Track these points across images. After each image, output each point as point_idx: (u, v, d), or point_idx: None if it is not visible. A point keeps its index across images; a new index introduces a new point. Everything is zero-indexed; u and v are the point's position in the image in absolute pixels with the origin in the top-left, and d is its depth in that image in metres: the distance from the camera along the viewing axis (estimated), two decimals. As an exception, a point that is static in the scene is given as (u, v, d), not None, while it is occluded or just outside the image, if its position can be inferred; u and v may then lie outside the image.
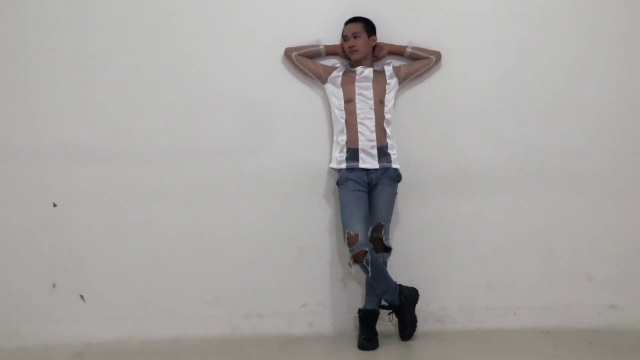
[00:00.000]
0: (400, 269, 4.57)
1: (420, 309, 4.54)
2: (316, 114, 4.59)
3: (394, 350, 4.28)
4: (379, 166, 4.34)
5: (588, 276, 4.69)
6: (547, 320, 4.65)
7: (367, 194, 4.35)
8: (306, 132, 4.58)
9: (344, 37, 4.49)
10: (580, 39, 4.70)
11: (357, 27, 4.45)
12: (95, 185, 4.52)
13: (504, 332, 4.56)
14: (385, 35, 4.56)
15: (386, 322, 4.48)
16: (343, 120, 4.39)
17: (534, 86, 4.66)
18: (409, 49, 4.54)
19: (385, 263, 4.38)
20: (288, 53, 4.49)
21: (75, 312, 4.53)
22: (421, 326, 4.55)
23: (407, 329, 4.37)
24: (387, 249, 4.38)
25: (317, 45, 4.51)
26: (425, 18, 4.63)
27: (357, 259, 4.19)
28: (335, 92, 4.45)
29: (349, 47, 4.45)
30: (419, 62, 4.53)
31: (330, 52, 4.53)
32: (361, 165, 4.33)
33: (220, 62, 4.57)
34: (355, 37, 4.44)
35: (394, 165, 4.38)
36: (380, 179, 4.35)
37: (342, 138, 4.38)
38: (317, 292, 4.61)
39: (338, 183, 4.39)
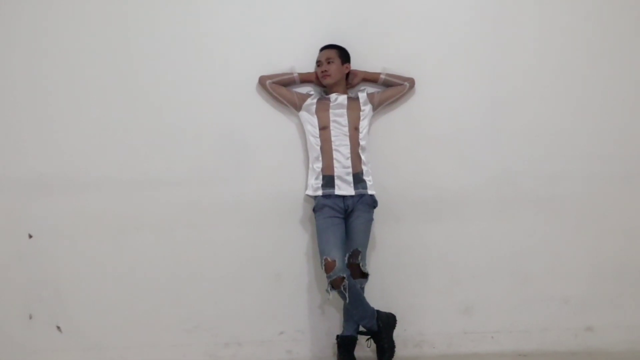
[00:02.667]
0: (377, 294, 4.57)
1: (398, 334, 4.53)
2: (291, 141, 4.62)
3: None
4: (355, 192, 4.37)
5: (564, 299, 4.72)
6: (525, 344, 4.67)
7: (343, 221, 4.36)
8: (282, 160, 4.61)
9: (318, 63, 4.53)
10: (554, 62, 4.77)
11: (331, 53, 4.50)
12: (70, 216, 4.51)
13: (482, 356, 4.59)
14: (360, 63, 4.61)
15: (364, 348, 4.47)
16: (318, 148, 4.43)
17: (508, 110, 4.71)
18: (382, 76, 4.59)
19: (362, 289, 4.39)
20: (262, 81, 4.53)
21: (53, 344, 4.49)
22: (399, 351, 4.53)
23: (385, 354, 4.37)
24: (364, 275, 4.40)
25: (291, 73, 4.55)
26: (399, 45, 4.69)
27: (334, 285, 4.20)
28: (309, 120, 4.48)
29: (322, 72, 4.48)
30: (393, 89, 4.58)
31: (305, 79, 4.57)
32: (337, 192, 4.36)
33: (195, 91, 4.59)
34: (328, 62, 4.48)
35: (370, 192, 4.41)
36: (357, 205, 4.37)
37: (318, 165, 4.41)
38: (295, 319, 4.60)
39: (314, 210, 4.41)
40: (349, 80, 4.59)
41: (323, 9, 4.67)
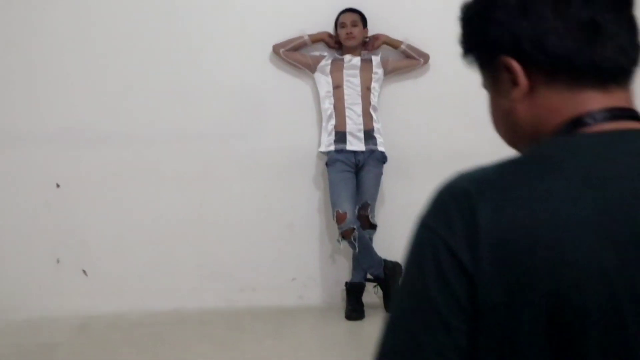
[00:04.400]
0: (385, 245, 4.77)
1: None
2: (306, 100, 4.85)
3: (380, 320, 4.47)
4: (366, 148, 4.59)
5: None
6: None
7: (354, 175, 4.60)
8: (296, 118, 4.83)
9: (342, 24, 4.69)
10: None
11: (356, 17, 4.70)
12: (96, 167, 4.74)
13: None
14: (374, 30, 4.81)
15: (372, 295, 4.73)
16: (331, 106, 4.63)
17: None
18: (403, 46, 4.75)
19: (371, 239, 4.63)
20: (276, 50, 4.71)
21: (78, 287, 4.76)
22: None
23: (390, 300, 4.62)
24: (373, 226, 4.63)
25: (302, 37, 4.71)
26: (411, 7, 4.85)
27: (345, 235, 4.46)
28: (324, 79, 4.68)
29: (347, 34, 4.65)
30: (407, 60, 4.78)
31: (316, 39, 4.75)
32: (349, 147, 4.57)
33: (212, 49, 4.78)
34: (353, 25, 4.66)
35: (380, 148, 4.63)
36: (367, 160, 4.60)
37: (331, 123, 4.63)
38: (306, 267, 4.88)
39: (327, 164, 4.64)
40: (371, 42, 4.76)
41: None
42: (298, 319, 4.61)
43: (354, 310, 4.58)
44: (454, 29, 3.64)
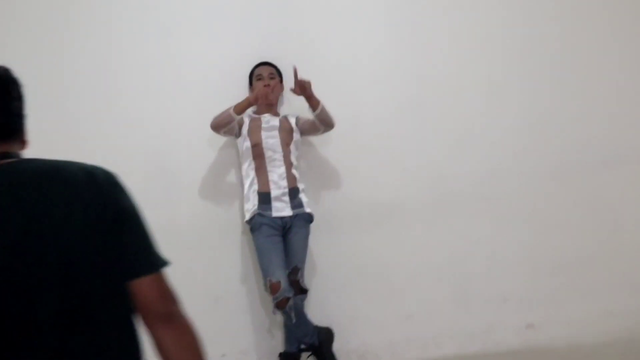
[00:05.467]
0: (318, 308, 4.55)
1: (341, 346, 4.52)
2: (227, 163, 4.59)
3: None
4: (293, 213, 4.31)
5: (503, 298, 4.75)
6: (468, 346, 4.68)
7: (282, 238, 4.31)
8: (217, 182, 4.58)
9: (258, 77, 4.50)
10: (481, 61, 4.84)
11: (272, 70, 4.53)
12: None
13: (426, 362, 4.59)
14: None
15: (307, 364, 4.42)
16: (252, 169, 4.35)
17: (436, 113, 4.75)
18: (318, 110, 4.33)
19: (302, 305, 4.34)
20: (213, 129, 4.34)
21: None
22: None
23: None
24: (304, 291, 4.35)
25: (228, 113, 4.27)
26: (325, 54, 4.72)
27: (280, 305, 4.13)
28: (241, 140, 4.42)
29: (266, 86, 4.41)
30: (311, 127, 4.44)
31: (240, 111, 4.30)
32: (274, 213, 4.28)
33: (122, 114, 4.52)
34: (271, 78, 4.49)
35: (307, 210, 4.37)
36: (294, 221, 4.32)
37: (253, 187, 4.33)
38: (237, 340, 4.53)
39: (252, 230, 4.33)
40: (295, 87, 4.32)
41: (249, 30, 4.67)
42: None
43: None
44: (372, 75, 3.48)
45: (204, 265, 4.51)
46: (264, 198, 4.30)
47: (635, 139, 4.86)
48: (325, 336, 4.37)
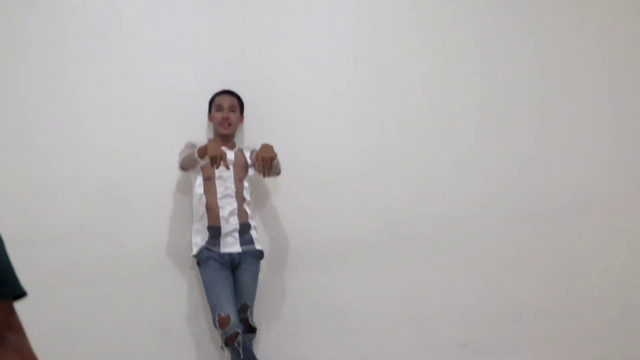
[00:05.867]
0: (269, 347, 4.45)
1: None
2: (177, 194, 4.49)
3: None
4: (242, 249, 4.20)
5: (461, 344, 4.62)
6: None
7: (230, 273, 4.19)
8: (166, 213, 4.47)
9: (218, 107, 4.34)
10: (447, 106, 4.74)
11: (234, 101, 4.38)
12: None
13: (380, 407, 4.46)
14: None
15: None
16: (203, 202, 4.21)
17: (399, 154, 4.66)
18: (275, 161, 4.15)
19: (250, 344, 4.21)
20: (182, 170, 4.27)
21: None
22: None
23: None
24: (253, 330, 4.23)
25: (192, 154, 4.08)
26: (284, 88, 4.64)
27: (229, 341, 4.00)
28: (196, 174, 4.27)
29: (223, 119, 4.30)
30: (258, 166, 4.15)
31: (204, 155, 4.04)
32: (223, 249, 4.16)
33: (73, 140, 4.45)
34: (231, 110, 4.34)
35: (257, 247, 4.27)
36: (243, 258, 4.21)
37: (203, 221, 4.20)
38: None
39: (199, 263, 4.21)
40: (259, 162, 4.09)
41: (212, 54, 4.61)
42: None
43: None
44: (331, 113, 3.32)
45: (151, 297, 4.41)
46: (214, 233, 4.18)
47: (600, 188, 4.76)
48: None
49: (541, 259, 4.69)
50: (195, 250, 4.21)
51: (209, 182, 4.23)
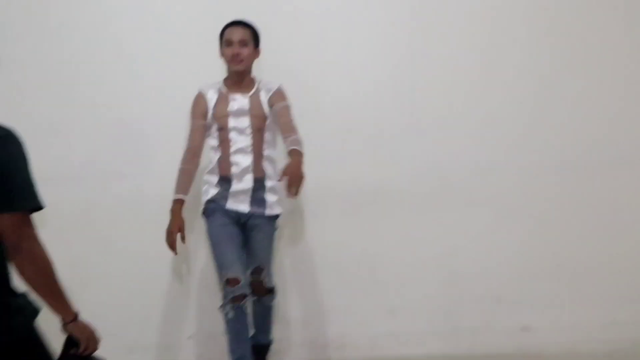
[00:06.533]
0: (295, 297, 4.32)
1: (317, 338, 4.32)
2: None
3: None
4: (250, 211, 3.78)
5: (497, 298, 4.41)
6: (454, 346, 4.38)
7: (239, 230, 3.79)
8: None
9: (227, 42, 3.81)
10: (482, 48, 4.43)
11: (246, 34, 3.82)
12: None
13: (408, 359, 4.28)
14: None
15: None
16: (216, 152, 3.84)
17: (430, 98, 4.36)
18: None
19: (270, 307, 3.94)
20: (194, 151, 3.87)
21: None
22: (320, 355, 4.32)
23: None
24: (270, 290, 3.90)
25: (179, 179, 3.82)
26: (307, 27, 4.34)
27: (235, 300, 3.65)
28: (212, 121, 3.87)
29: (233, 55, 3.77)
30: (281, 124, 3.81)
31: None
32: (229, 205, 3.77)
33: (94, 82, 4.21)
34: (242, 45, 3.80)
35: (266, 212, 3.80)
36: (253, 218, 3.80)
37: (214, 172, 3.83)
38: (205, 322, 4.27)
39: (205, 215, 3.86)
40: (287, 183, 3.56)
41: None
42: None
43: None
44: (363, 58, 3.00)
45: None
46: (224, 187, 3.79)
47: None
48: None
49: (584, 212, 4.42)
50: (203, 201, 3.87)
51: (223, 132, 3.81)
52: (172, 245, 3.78)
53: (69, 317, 2.15)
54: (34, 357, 2.07)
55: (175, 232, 3.75)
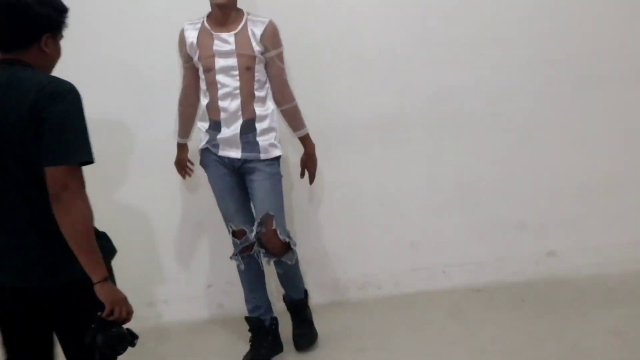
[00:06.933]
0: (312, 236, 4.21)
1: (339, 277, 4.24)
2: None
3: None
4: (242, 156, 3.52)
5: (521, 224, 4.30)
6: (479, 277, 4.28)
7: (238, 175, 3.59)
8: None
9: None
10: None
11: None
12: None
13: (433, 293, 4.22)
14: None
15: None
16: (205, 97, 3.57)
17: (441, 20, 4.11)
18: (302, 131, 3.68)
19: (294, 266, 3.66)
20: (187, 98, 3.71)
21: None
22: (342, 295, 4.24)
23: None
24: (287, 247, 3.58)
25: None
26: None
27: (244, 250, 3.58)
28: (199, 62, 3.57)
29: None
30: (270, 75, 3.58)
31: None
32: (221, 152, 3.55)
33: (101, 31, 3.99)
34: None
35: (262, 155, 3.52)
36: (248, 163, 3.55)
37: (204, 118, 3.60)
38: (223, 271, 4.14)
39: (201, 164, 3.70)
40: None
41: None
42: (214, 334, 4.01)
43: (304, 335, 3.78)
44: None
45: (185, 191, 4.15)
46: (214, 133, 3.56)
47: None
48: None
49: (607, 129, 4.24)
50: (199, 151, 3.69)
51: (210, 75, 3.51)
52: (180, 173, 3.88)
53: (97, 278, 2.19)
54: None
55: (177, 167, 3.85)
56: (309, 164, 3.75)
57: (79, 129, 2.15)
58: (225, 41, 3.46)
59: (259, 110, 3.52)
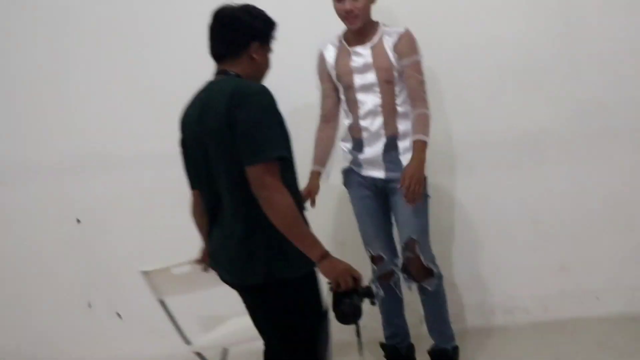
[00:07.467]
0: (458, 259, 4.12)
1: (484, 301, 4.10)
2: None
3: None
4: (385, 176, 3.46)
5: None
6: (635, 304, 4.02)
7: (381, 197, 3.52)
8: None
9: None
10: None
11: None
12: (115, 196, 4.29)
13: (586, 320, 3.99)
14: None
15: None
16: (347, 116, 3.53)
17: (590, 29, 3.94)
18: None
19: (437, 292, 3.50)
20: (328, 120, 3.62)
21: (114, 330, 4.37)
22: (487, 321, 4.11)
23: None
24: (431, 273, 3.45)
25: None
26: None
27: (382, 279, 3.52)
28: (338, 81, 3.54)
29: (346, 12, 3.30)
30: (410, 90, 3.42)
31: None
32: (364, 172, 3.51)
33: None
34: None
35: None
36: (392, 183, 3.44)
37: (347, 138, 3.56)
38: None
39: (344, 184, 3.65)
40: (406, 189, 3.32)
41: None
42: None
43: None
44: None
45: (333, 209, 4.18)
46: (357, 153, 3.51)
47: None
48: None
49: None
50: (342, 171, 3.65)
51: (350, 92, 3.47)
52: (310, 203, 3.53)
53: (315, 257, 2.32)
54: (310, 293, 2.43)
55: (305, 196, 3.41)
56: (409, 173, 3.30)
57: (268, 126, 2.27)
58: (361, 55, 3.42)
59: (401, 126, 3.43)
